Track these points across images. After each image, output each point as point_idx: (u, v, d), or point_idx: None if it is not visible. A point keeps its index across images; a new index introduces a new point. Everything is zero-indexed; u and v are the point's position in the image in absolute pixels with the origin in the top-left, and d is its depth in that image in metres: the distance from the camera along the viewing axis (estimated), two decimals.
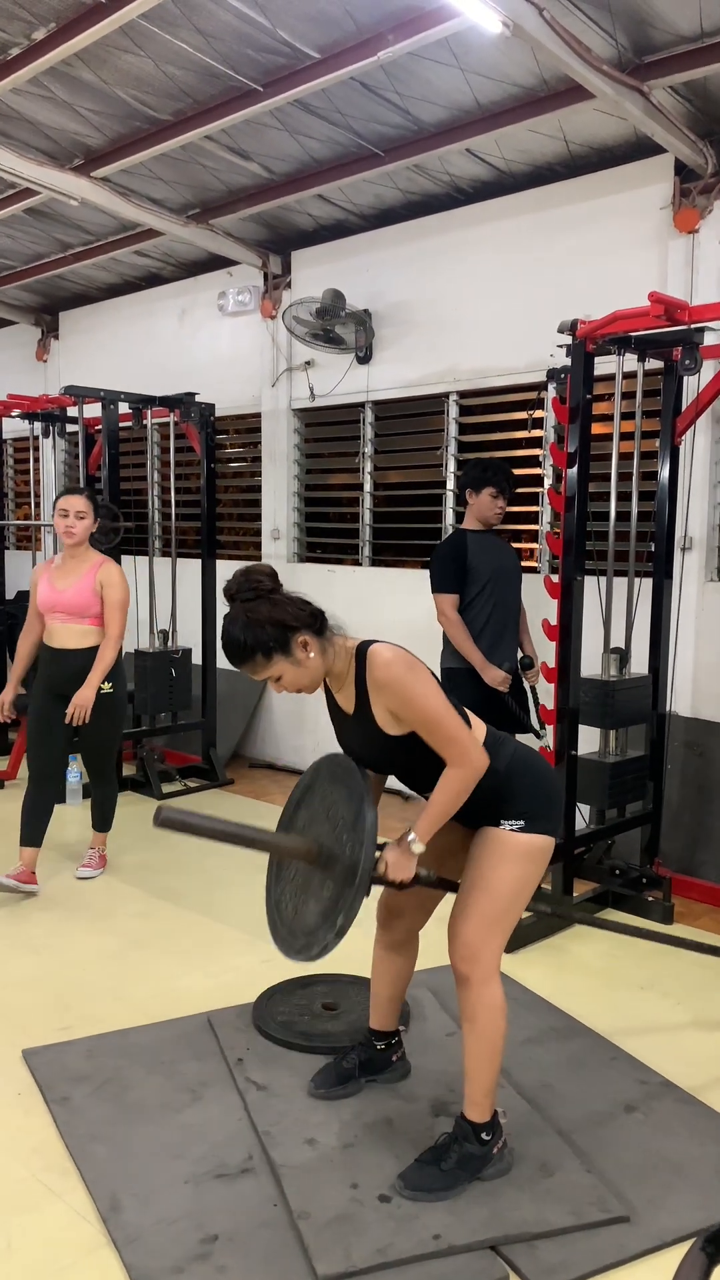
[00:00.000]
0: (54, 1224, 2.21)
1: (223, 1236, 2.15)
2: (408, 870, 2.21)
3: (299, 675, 2.21)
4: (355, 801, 2.17)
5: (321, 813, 2.29)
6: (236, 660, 2.20)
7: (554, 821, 2.38)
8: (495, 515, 4.29)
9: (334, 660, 2.24)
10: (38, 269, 7.15)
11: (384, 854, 2.21)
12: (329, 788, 2.31)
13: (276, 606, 2.17)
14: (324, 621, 2.24)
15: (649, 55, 3.95)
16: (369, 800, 2.15)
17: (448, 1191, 2.25)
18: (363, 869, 2.08)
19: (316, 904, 2.20)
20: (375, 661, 2.18)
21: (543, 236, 5.04)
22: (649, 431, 4.19)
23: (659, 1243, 2.16)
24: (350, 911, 2.08)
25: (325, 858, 2.21)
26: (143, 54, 4.20)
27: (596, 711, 3.90)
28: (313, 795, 2.38)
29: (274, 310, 6.26)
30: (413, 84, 4.29)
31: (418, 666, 2.20)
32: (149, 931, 3.86)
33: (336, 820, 2.21)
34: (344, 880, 2.13)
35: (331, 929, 2.10)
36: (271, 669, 2.19)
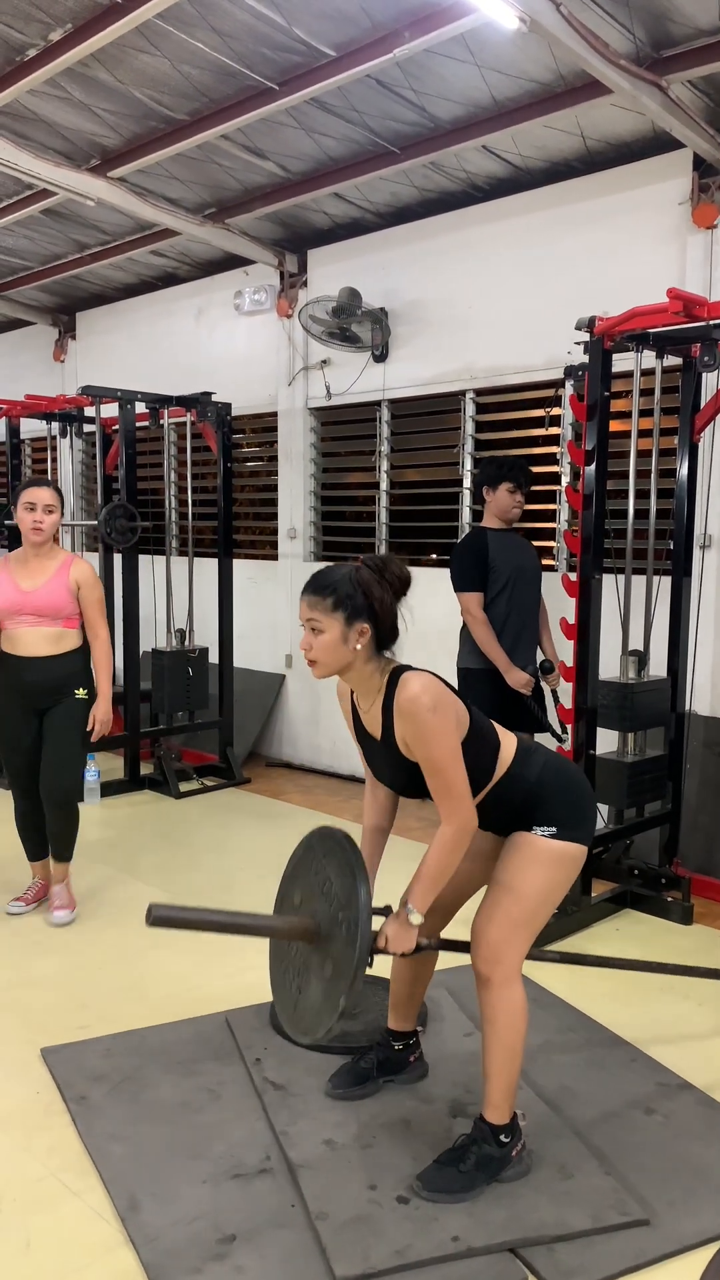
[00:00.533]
0: (72, 1223, 2.21)
1: (240, 1237, 2.14)
2: (409, 943, 2.22)
3: (333, 648, 2.19)
4: (349, 878, 2.14)
5: (316, 888, 2.27)
6: (312, 588, 2.20)
7: (586, 830, 2.35)
8: (514, 511, 4.27)
9: (370, 674, 2.23)
10: (55, 269, 7.18)
11: (384, 928, 2.21)
12: (322, 862, 2.28)
13: (380, 588, 2.18)
14: (392, 642, 2.25)
15: (667, 49, 3.92)
16: (361, 875, 2.12)
17: (466, 1193, 2.24)
18: (359, 953, 2.04)
19: (319, 983, 2.18)
20: (403, 688, 2.16)
21: (560, 233, 5.01)
22: (667, 429, 4.15)
23: (679, 1246, 2.14)
24: (351, 994, 2.05)
25: (324, 935, 2.19)
26: (159, 54, 4.20)
27: (615, 714, 3.88)
28: (306, 869, 2.35)
29: (290, 309, 6.26)
30: (429, 81, 4.28)
31: (443, 707, 2.16)
32: (166, 931, 3.82)
33: (332, 897, 2.18)
34: (343, 961, 2.10)
35: (334, 1012, 2.08)
36: (325, 619, 2.17)
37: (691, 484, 4.12)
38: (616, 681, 3.93)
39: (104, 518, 5.61)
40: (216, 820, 5.38)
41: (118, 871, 4.51)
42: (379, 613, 2.19)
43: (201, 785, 5.95)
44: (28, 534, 3.72)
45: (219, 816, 5.45)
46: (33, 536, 3.72)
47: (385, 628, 2.22)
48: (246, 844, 4.99)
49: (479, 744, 2.25)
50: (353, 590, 2.17)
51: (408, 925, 2.20)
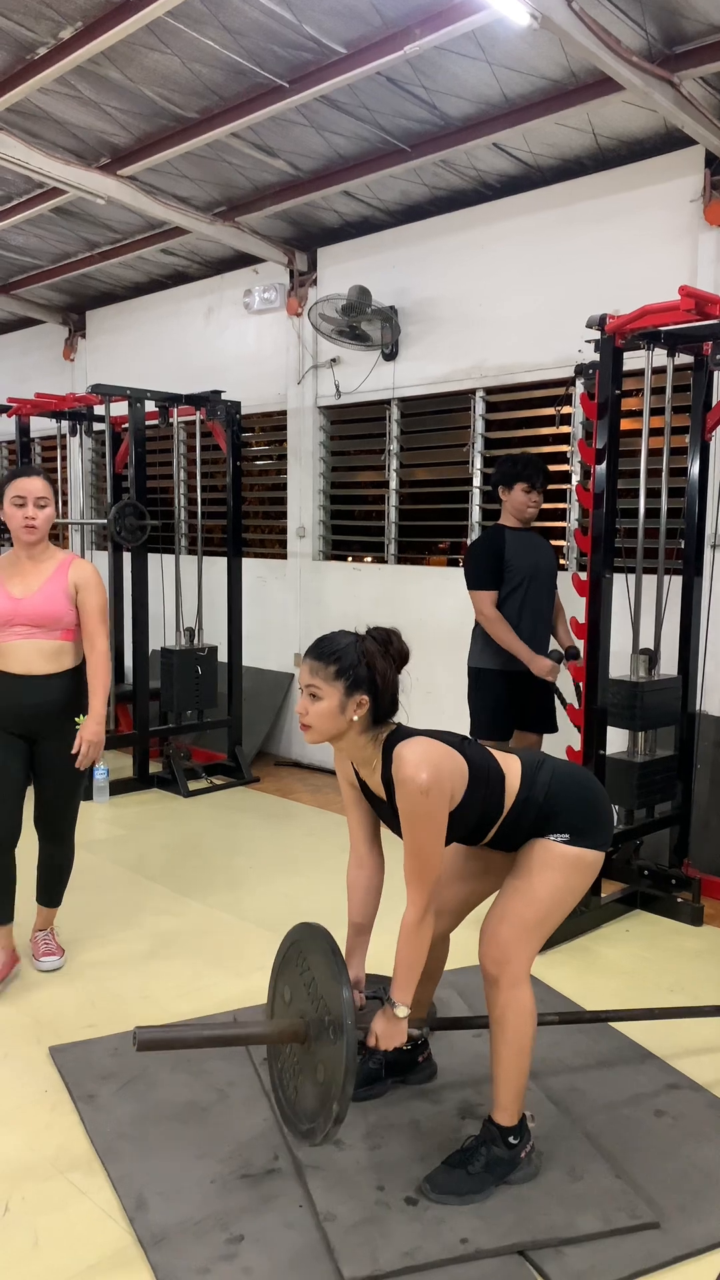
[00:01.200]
0: (80, 1222, 2.21)
1: (248, 1237, 2.14)
2: (399, 1037, 2.24)
3: (329, 716, 2.18)
4: (331, 979, 2.14)
5: (302, 987, 2.27)
6: (316, 653, 2.21)
7: (603, 836, 2.33)
8: (529, 511, 4.24)
9: (363, 745, 2.23)
10: (65, 268, 7.18)
11: (373, 1027, 2.23)
12: (306, 961, 2.28)
13: (384, 663, 2.19)
14: (389, 715, 2.24)
15: (679, 45, 3.90)
16: (343, 977, 2.12)
17: (475, 1195, 2.23)
18: (347, 1060, 2.04)
19: (313, 1086, 2.19)
20: (399, 765, 2.14)
21: (571, 231, 4.99)
22: (679, 427, 4.14)
23: (689, 1250, 2.13)
24: (344, 1100, 2.05)
25: (314, 1034, 2.19)
26: (169, 52, 4.20)
27: (625, 714, 3.86)
28: (291, 966, 2.36)
29: (300, 308, 6.25)
30: (439, 78, 4.27)
31: (437, 786, 2.11)
32: (175, 930, 3.87)
33: (317, 997, 2.19)
34: (333, 1065, 2.09)
35: (329, 1118, 2.08)
36: (326, 686, 2.17)
37: (703, 483, 4.10)
38: (627, 680, 3.91)
39: (113, 516, 5.61)
40: (225, 819, 5.38)
41: (126, 870, 4.51)
42: (380, 686, 2.18)
43: (210, 784, 5.95)
44: (19, 533, 3.20)
45: (228, 815, 5.45)
46: (25, 536, 3.19)
47: (385, 701, 2.21)
48: (255, 843, 4.99)
49: (484, 787, 2.24)
50: (356, 661, 2.17)
51: (395, 1020, 2.22)
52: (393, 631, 2.27)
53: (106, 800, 5.60)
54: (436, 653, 5.16)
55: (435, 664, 5.19)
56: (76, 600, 3.25)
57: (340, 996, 2.09)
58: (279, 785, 6.05)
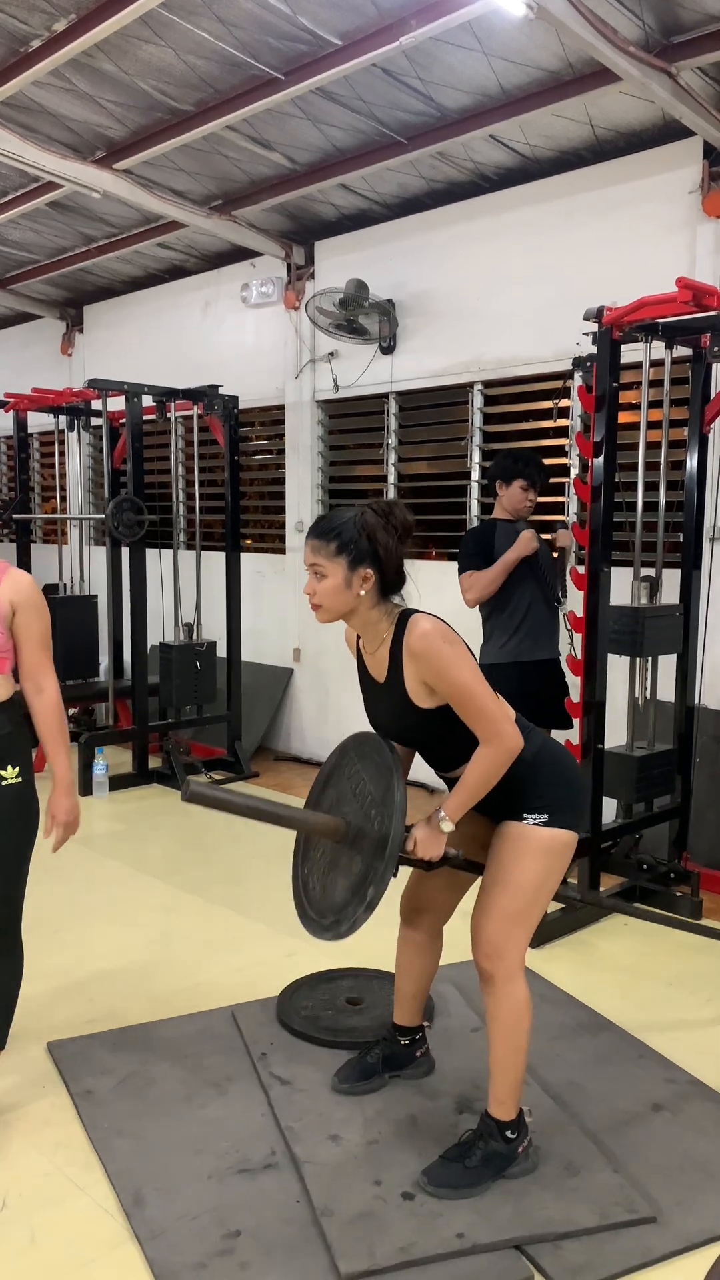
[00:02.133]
0: (77, 1218, 2.21)
1: (245, 1233, 2.14)
2: (437, 848, 2.20)
3: (336, 592, 2.18)
4: (384, 777, 2.15)
5: (349, 791, 2.27)
6: (316, 531, 2.20)
7: (577, 815, 2.34)
8: (526, 507, 4.24)
9: (377, 619, 2.23)
10: (62, 263, 7.17)
11: (413, 832, 2.20)
12: (356, 765, 2.29)
13: (385, 534, 2.18)
14: (396, 585, 2.24)
15: (677, 36, 3.87)
16: (398, 776, 2.13)
17: (472, 1190, 2.23)
18: (392, 841, 2.05)
19: (345, 880, 2.18)
20: (413, 630, 2.16)
21: (568, 223, 4.97)
22: (677, 420, 4.12)
23: (686, 1244, 2.13)
24: (380, 884, 2.05)
25: (353, 835, 2.19)
26: (163, 44, 4.18)
27: (627, 640, 3.82)
28: (340, 774, 2.36)
29: (297, 301, 6.24)
30: (435, 69, 4.24)
31: (455, 640, 2.17)
32: (174, 925, 3.87)
33: (364, 797, 2.19)
34: (373, 854, 2.11)
35: (361, 903, 2.08)
36: (329, 563, 2.17)
37: (701, 476, 4.08)
38: (628, 607, 3.87)
39: (111, 511, 5.61)
40: (225, 814, 5.36)
41: (126, 865, 4.51)
42: (383, 558, 2.18)
43: (210, 779, 5.95)
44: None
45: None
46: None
47: (390, 573, 2.20)
48: (254, 838, 4.98)
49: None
50: (357, 535, 2.16)
51: (438, 832, 2.20)
52: (394, 503, 2.25)
53: (105, 796, 5.60)
54: None
55: None
56: (12, 624, 2.46)
57: (392, 787, 2.09)
58: (278, 780, 6.05)
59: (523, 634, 4.18)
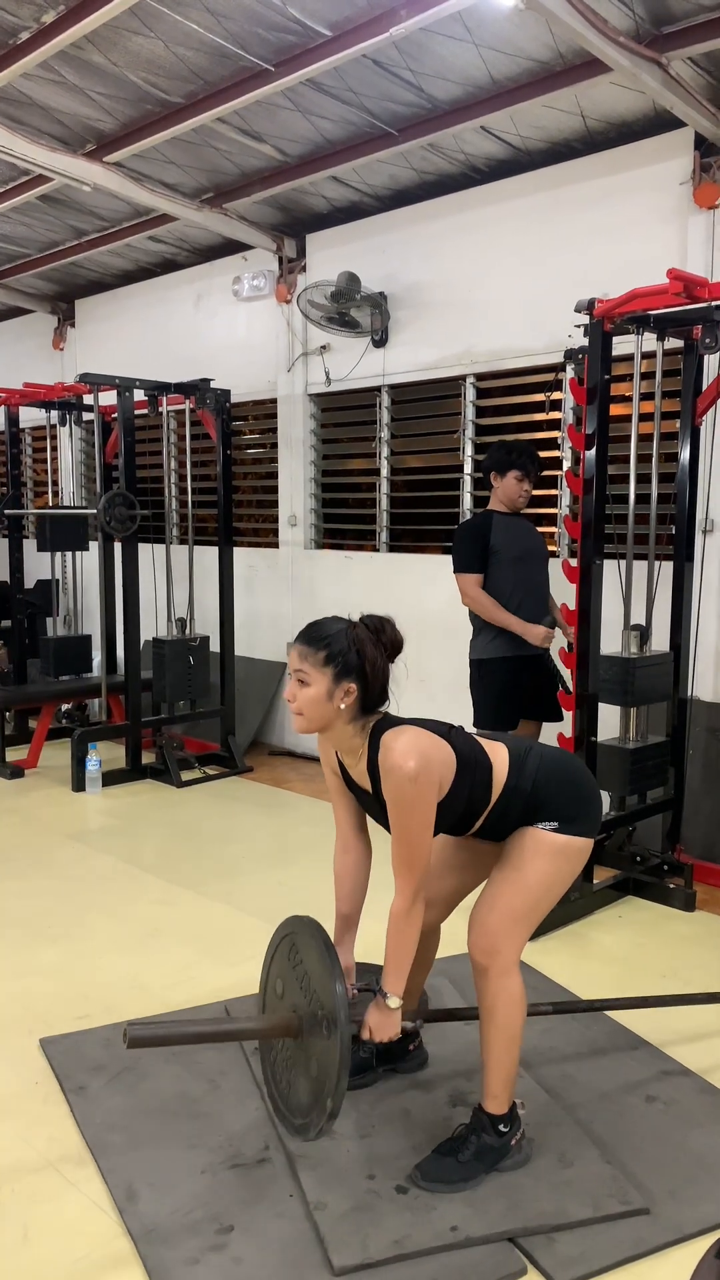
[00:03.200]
0: (70, 1214, 2.21)
1: (239, 1227, 2.14)
2: (392, 1028, 2.23)
3: (317, 702, 2.16)
4: (325, 976, 2.11)
5: (294, 982, 2.25)
6: (306, 638, 2.18)
7: (590, 823, 2.31)
8: (521, 499, 4.24)
9: (351, 734, 2.21)
10: (53, 256, 7.13)
11: (366, 1019, 2.21)
12: (299, 955, 2.26)
13: (374, 651, 2.16)
14: (378, 703, 2.22)
15: (667, 26, 3.86)
16: (336, 971, 2.08)
17: (465, 1183, 2.23)
18: (341, 1055, 2.02)
19: (305, 1081, 2.17)
20: (387, 753, 2.12)
21: (560, 214, 4.96)
22: (669, 412, 4.11)
23: (679, 1235, 2.13)
24: (337, 1096, 2.03)
25: (307, 1028, 2.17)
26: (153, 35, 4.15)
27: (617, 690, 3.84)
28: (282, 959, 2.34)
29: (289, 294, 6.21)
30: (426, 60, 4.22)
31: (425, 774, 2.09)
32: (168, 920, 3.86)
33: (310, 991, 2.17)
34: (326, 1063, 2.08)
35: (323, 1113, 2.07)
36: (314, 672, 2.15)
37: (693, 468, 4.08)
38: (618, 656, 3.89)
39: (103, 506, 5.59)
40: (219, 809, 5.37)
41: (120, 860, 4.51)
42: (369, 675, 2.16)
43: (203, 774, 5.94)
44: None
45: (221, 805, 5.44)
46: None
47: (374, 690, 2.18)
48: (249, 832, 4.99)
49: (471, 775, 2.21)
50: (347, 647, 2.14)
51: (388, 1011, 2.21)
52: (386, 620, 2.24)
53: (99, 791, 5.60)
54: (429, 641, 5.15)
55: (428, 652, 5.18)
56: None
57: (333, 991, 2.07)
58: (272, 774, 6.05)
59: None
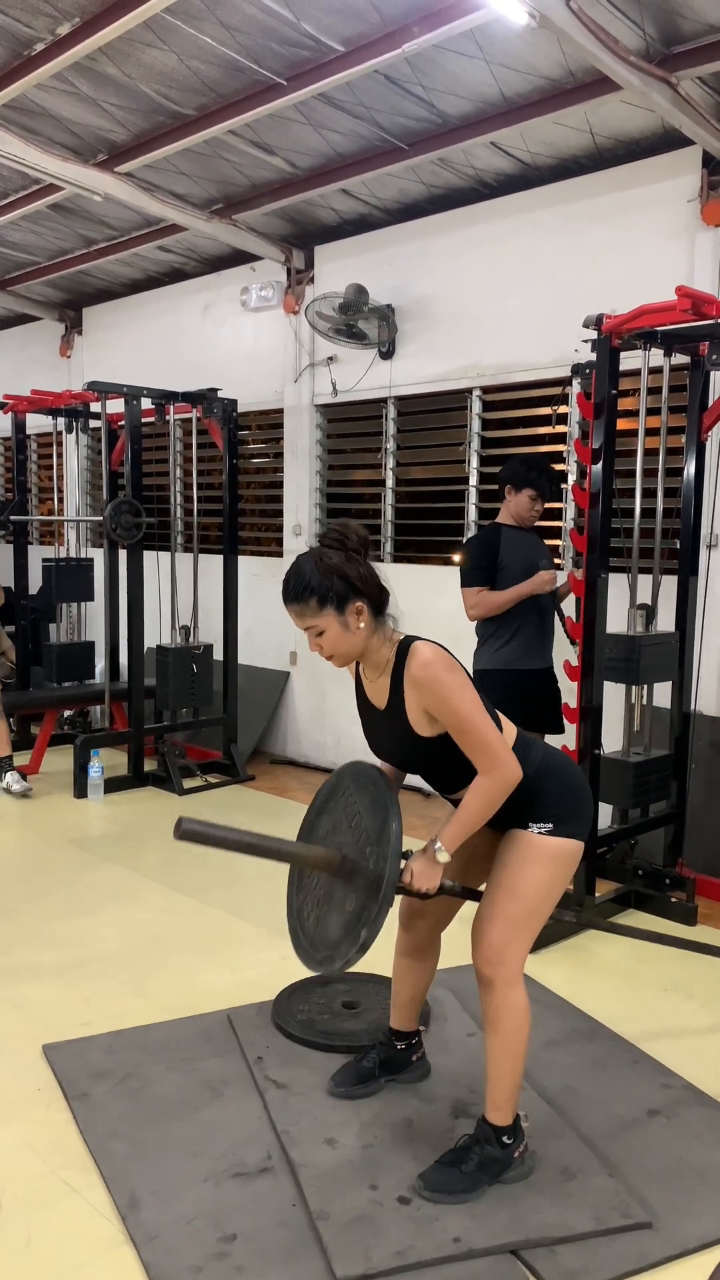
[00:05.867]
0: (73, 1221, 2.21)
1: (241, 1236, 2.14)
2: (433, 880, 2.19)
3: (341, 639, 2.18)
4: (380, 812, 2.14)
5: (345, 821, 2.26)
6: (291, 596, 2.18)
7: (583, 824, 2.34)
8: (531, 517, 4.21)
9: (378, 646, 2.22)
10: (62, 264, 7.17)
11: (409, 863, 2.19)
12: (353, 796, 2.28)
13: (350, 563, 2.17)
14: (385, 601, 2.24)
15: (677, 45, 3.89)
16: (394, 811, 2.12)
17: (468, 1194, 2.23)
18: (387, 883, 2.04)
19: (339, 916, 2.17)
20: (415, 658, 2.16)
21: (568, 230, 4.99)
22: (675, 427, 4.13)
23: (682, 1250, 2.13)
24: (374, 926, 2.05)
25: (348, 869, 2.17)
26: (166, 48, 4.19)
27: (623, 668, 3.83)
28: (335, 803, 2.35)
29: (297, 305, 6.25)
30: (437, 76, 4.26)
31: (457, 668, 2.18)
32: (171, 927, 3.87)
33: (360, 830, 2.17)
34: (368, 893, 2.10)
35: (354, 943, 2.07)
36: (318, 619, 2.16)
37: (699, 483, 4.10)
38: (625, 635, 3.88)
39: (109, 514, 5.61)
40: (220, 817, 5.28)
41: (121, 868, 4.51)
42: (363, 587, 2.18)
43: (205, 782, 5.95)
44: None
45: (223, 814, 5.44)
46: None
47: (372, 591, 2.20)
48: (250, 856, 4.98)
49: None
50: (329, 581, 2.15)
51: (434, 862, 2.18)
52: (343, 524, 2.23)
53: (101, 798, 5.60)
54: None
55: None
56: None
57: (389, 824, 2.07)
58: (274, 783, 6.05)
59: (516, 642, 4.17)
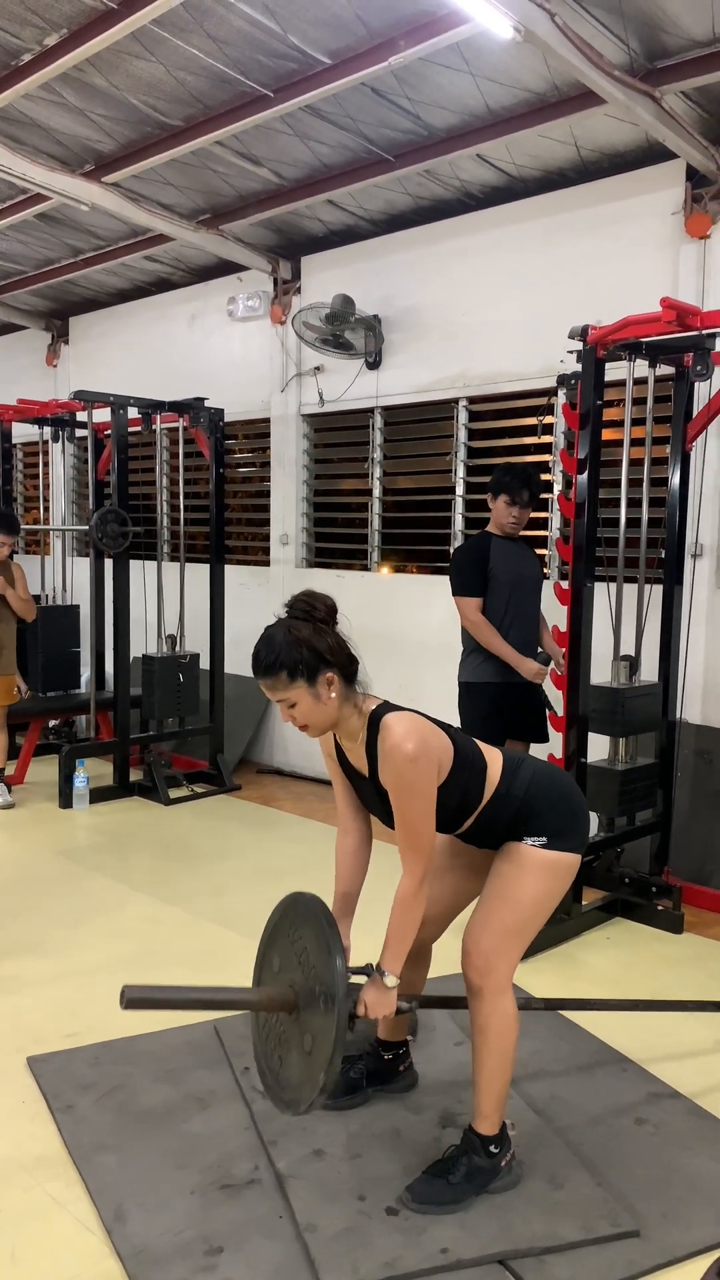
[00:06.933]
0: (58, 1234, 2.19)
1: (228, 1248, 2.12)
2: (389, 1006, 2.22)
3: (313, 710, 2.18)
4: (324, 951, 2.11)
5: (292, 958, 2.25)
6: (261, 670, 2.18)
7: (579, 838, 2.33)
8: (510, 522, 4.20)
9: (350, 716, 2.22)
10: (48, 274, 7.17)
11: (362, 995, 2.20)
12: (298, 931, 2.26)
13: (318, 634, 2.17)
14: (355, 670, 2.23)
15: (661, 60, 3.94)
16: (337, 947, 2.09)
17: (456, 1204, 2.22)
18: (338, 1030, 2.02)
19: (298, 1055, 2.16)
20: (386, 734, 2.14)
21: (553, 241, 5.03)
22: (660, 438, 4.16)
23: (670, 1258, 2.13)
24: (330, 1071, 2.03)
25: (304, 1004, 2.17)
26: (154, 59, 4.20)
27: (607, 719, 3.88)
28: (282, 935, 2.33)
29: (284, 316, 6.26)
30: (424, 89, 4.29)
31: (424, 756, 2.12)
32: (158, 937, 3.85)
33: (309, 968, 2.17)
34: (321, 1038, 2.08)
35: (315, 1088, 2.06)
36: (290, 692, 2.16)
37: (683, 492, 4.12)
38: (608, 686, 3.93)
39: (95, 523, 5.59)
40: (207, 827, 5.36)
41: (107, 878, 4.49)
42: (332, 658, 2.17)
43: (192, 792, 5.93)
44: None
45: (209, 823, 5.43)
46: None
47: (342, 661, 2.20)
48: (237, 851, 4.97)
49: (466, 773, 2.24)
50: (298, 654, 2.14)
51: (384, 989, 2.20)
52: (309, 594, 2.24)
53: (86, 808, 5.57)
54: (422, 660, 5.18)
55: (420, 671, 5.20)
56: None
57: (333, 965, 2.06)
58: (261, 793, 6.04)
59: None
